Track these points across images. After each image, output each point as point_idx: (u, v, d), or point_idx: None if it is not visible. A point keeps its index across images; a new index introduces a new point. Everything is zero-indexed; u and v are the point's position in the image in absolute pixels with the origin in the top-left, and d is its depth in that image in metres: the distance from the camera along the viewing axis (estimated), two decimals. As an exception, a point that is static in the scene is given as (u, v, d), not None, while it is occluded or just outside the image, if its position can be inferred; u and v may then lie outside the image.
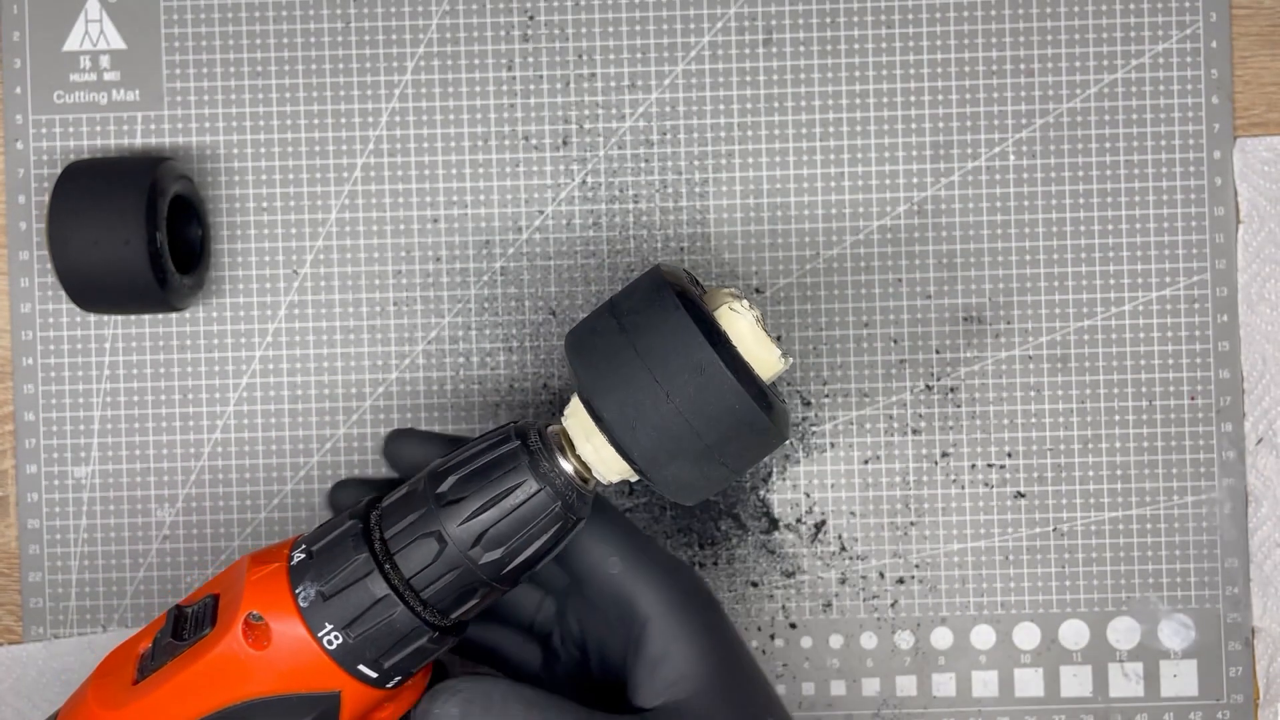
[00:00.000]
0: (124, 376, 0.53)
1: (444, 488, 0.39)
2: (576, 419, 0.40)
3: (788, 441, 0.53)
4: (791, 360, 0.41)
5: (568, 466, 0.40)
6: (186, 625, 0.40)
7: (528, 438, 0.40)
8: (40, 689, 0.53)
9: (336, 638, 0.38)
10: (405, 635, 0.39)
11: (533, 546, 0.39)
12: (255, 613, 0.38)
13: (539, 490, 0.39)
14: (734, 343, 0.39)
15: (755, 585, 0.53)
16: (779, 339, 0.52)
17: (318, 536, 0.40)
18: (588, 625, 0.44)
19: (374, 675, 0.39)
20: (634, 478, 0.40)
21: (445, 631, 0.40)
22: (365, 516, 0.40)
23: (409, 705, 0.44)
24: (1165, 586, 0.53)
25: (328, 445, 0.53)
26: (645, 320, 0.39)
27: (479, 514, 0.39)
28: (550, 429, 0.41)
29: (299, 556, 0.39)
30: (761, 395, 0.39)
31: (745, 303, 0.40)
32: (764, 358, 0.40)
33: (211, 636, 0.39)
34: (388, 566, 0.39)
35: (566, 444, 0.40)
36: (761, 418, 0.38)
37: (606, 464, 0.40)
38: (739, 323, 0.40)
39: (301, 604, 0.38)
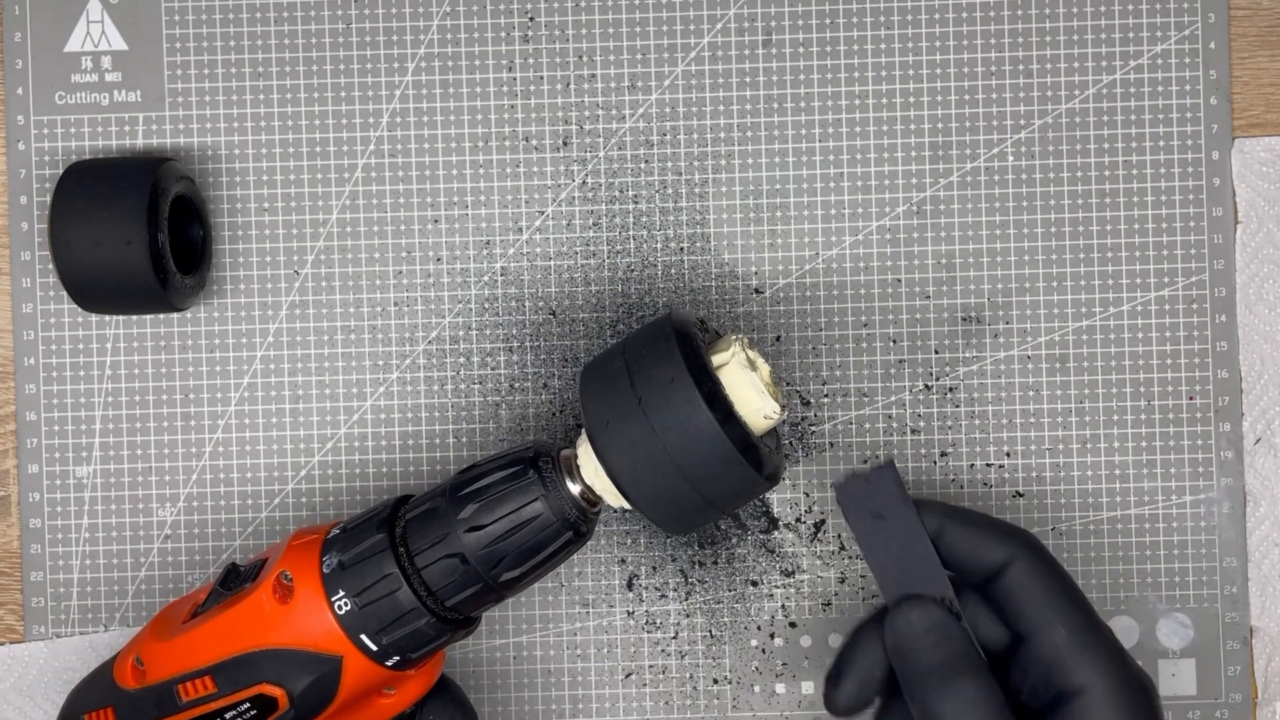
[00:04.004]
0: (125, 376, 0.53)
1: (459, 483, 0.43)
2: (585, 443, 0.43)
3: (786, 443, 0.53)
4: (781, 416, 0.43)
5: (573, 486, 0.43)
6: (235, 579, 0.45)
7: (542, 451, 0.44)
8: (42, 688, 0.53)
9: (346, 604, 0.42)
10: (406, 613, 0.42)
11: (520, 546, 0.42)
12: (286, 573, 0.43)
13: (535, 497, 0.42)
14: (717, 368, 0.43)
15: (755, 584, 0.53)
16: (783, 400, 0.52)
17: (355, 518, 0.44)
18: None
19: (374, 648, 0.43)
20: (624, 502, 0.43)
21: (444, 621, 0.43)
22: (398, 505, 0.44)
23: (411, 700, 0.45)
24: (1164, 586, 0.53)
25: (328, 445, 0.53)
26: (638, 342, 0.43)
27: (481, 509, 0.42)
28: (564, 451, 0.44)
29: (335, 532, 0.44)
30: (735, 424, 0.42)
31: (742, 339, 0.43)
32: (747, 396, 0.43)
33: (249, 589, 0.44)
34: (401, 550, 0.43)
35: (575, 464, 0.44)
36: (721, 438, 0.41)
37: (596, 474, 0.43)
38: (729, 358, 0.43)
39: (324, 570, 0.43)
